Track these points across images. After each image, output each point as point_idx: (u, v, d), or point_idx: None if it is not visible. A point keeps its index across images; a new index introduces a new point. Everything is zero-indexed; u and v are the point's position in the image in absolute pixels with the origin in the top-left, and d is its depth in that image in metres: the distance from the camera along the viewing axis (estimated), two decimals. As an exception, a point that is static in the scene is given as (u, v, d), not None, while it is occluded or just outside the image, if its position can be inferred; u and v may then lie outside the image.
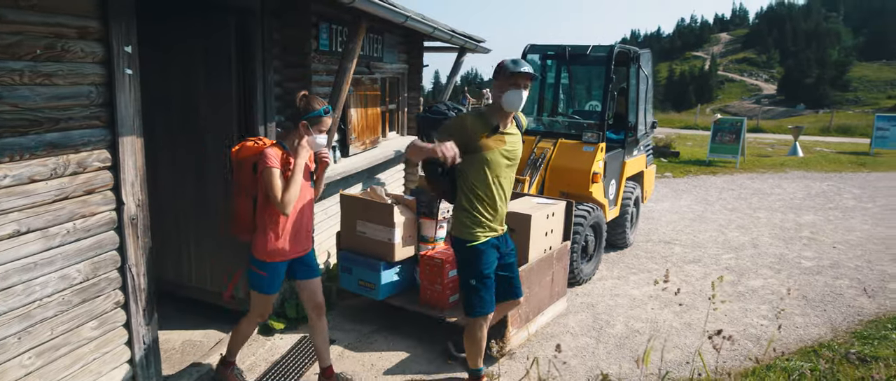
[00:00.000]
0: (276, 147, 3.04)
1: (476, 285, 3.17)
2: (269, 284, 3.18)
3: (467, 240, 3.15)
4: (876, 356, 3.67)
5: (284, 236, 3.11)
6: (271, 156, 2.96)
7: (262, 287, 3.19)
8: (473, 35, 7.00)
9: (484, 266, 3.17)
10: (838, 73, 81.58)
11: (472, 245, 3.15)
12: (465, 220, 3.15)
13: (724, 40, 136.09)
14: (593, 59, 5.96)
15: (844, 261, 6.41)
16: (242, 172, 3.14)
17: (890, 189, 11.04)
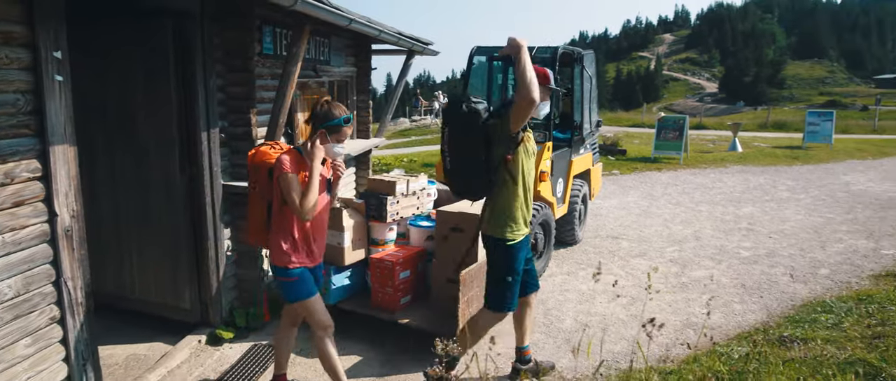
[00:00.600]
0: (292, 152, 2.99)
1: (511, 281, 3.27)
2: (305, 288, 3.05)
3: (508, 239, 3.23)
4: (805, 338, 3.87)
5: (302, 243, 3.03)
6: (286, 161, 2.90)
7: (299, 293, 3.05)
8: (421, 37, 7.03)
9: (519, 264, 3.30)
10: (774, 71, 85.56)
11: (512, 244, 3.23)
12: (507, 220, 3.22)
13: (668, 41, 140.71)
14: (538, 60, 6.05)
15: (779, 250, 6.73)
16: (258, 178, 3.11)
17: (820, 181, 11.66)
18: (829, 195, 10.11)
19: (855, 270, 6.02)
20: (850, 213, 8.71)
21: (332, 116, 2.95)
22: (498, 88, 6.87)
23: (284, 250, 3.00)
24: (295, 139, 5.27)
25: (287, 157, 2.92)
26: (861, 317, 4.30)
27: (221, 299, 4.31)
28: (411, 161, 13.06)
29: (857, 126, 29.57)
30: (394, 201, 4.29)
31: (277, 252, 3.01)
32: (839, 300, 4.88)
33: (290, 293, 3.08)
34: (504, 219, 3.23)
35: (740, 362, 3.36)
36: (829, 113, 18.04)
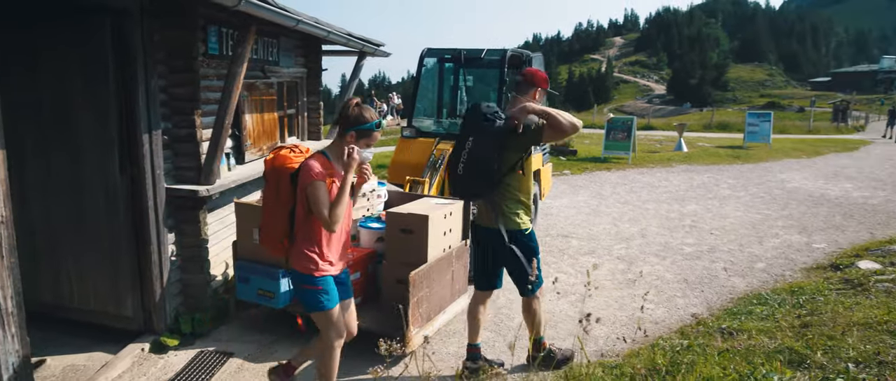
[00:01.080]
0: (318, 157, 2.85)
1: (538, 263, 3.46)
2: (327, 298, 2.95)
3: (525, 229, 3.54)
4: (741, 329, 4.05)
5: (328, 250, 2.94)
6: (315, 168, 2.77)
7: (320, 304, 2.94)
8: (371, 39, 7.01)
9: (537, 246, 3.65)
10: (718, 74, 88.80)
11: (530, 231, 3.57)
12: (521, 213, 3.52)
13: (618, 44, 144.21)
14: (488, 62, 6.16)
15: (720, 245, 7.01)
16: (280, 183, 2.96)
17: (759, 179, 12.19)
18: (766, 193, 10.59)
19: (789, 263, 6.32)
20: (785, 209, 9.14)
21: (363, 119, 2.84)
22: (449, 89, 6.93)
23: (311, 258, 2.90)
24: (242, 141, 5.18)
25: (315, 163, 2.80)
26: (792, 308, 4.54)
27: (166, 306, 4.20)
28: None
29: (794, 127, 31.05)
30: (343, 203, 4.26)
31: (302, 260, 2.91)
32: (773, 293, 5.13)
33: (310, 302, 2.96)
34: (518, 212, 3.51)
35: (680, 354, 3.49)
36: (767, 114, 18.89)
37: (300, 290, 3.00)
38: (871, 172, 13.79)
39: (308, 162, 2.81)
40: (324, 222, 2.80)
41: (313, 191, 2.76)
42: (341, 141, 2.87)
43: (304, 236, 2.92)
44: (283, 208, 2.99)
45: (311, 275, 2.90)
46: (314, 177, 2.76)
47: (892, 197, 10.39)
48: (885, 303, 4.22)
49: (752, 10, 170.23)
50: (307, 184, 2.78)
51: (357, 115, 2.83)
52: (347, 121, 2.84)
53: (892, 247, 6.40)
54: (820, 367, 2.85)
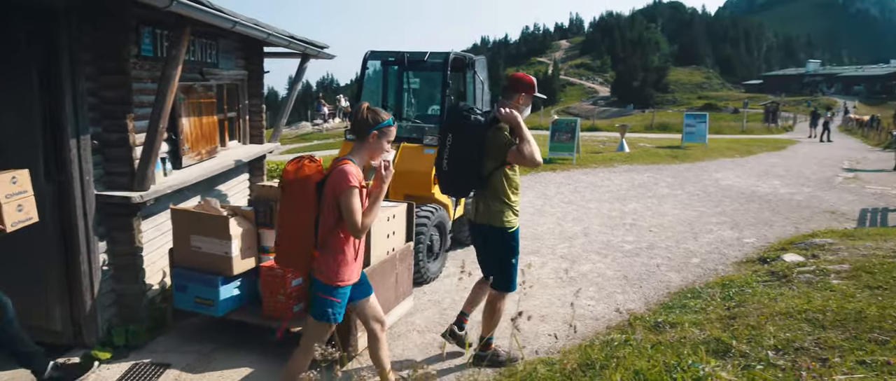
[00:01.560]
0: (350, 163, 2.85)
1: (515, 263, 3.71)
2: (340, 311, 2.97)
3: (508, 227, 3.67)
4: (675, 322, 4.22)
5: (354, 258, 2.95)
6: (353, 174, 2.79)
7: (331, 316, 2.94)
8: (315, 40, 6.94)
9: (519, 247, 3.81)
10: (659, 76, 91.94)
11: (513, 230, 3.70)
12: (506, 211, 3.65)
13: (564, 47, 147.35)
14: (431, 65, 6.19)
15: (658, 242, 7.27)
16: (305, 193, 2.90)
17: (695, 177, 12.71)
18: (702, 190, 11.05)
19: (721, 257, 6.62)
20: (719, 206, 9.57)
21: (380, 118, 2.92)
22: (393, 92, 6.93)
23: (339, 268, 2.91)
24: (179, 146, 5.04)
25: (352, 169, 2.82)
26: (723, 300, 4.75)
27: (97, 318, 4.04)
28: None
29: (729, 127, 32.50)
30: (284, 208, 4.21)
31: (330, 270, 2.90)
32: (707, 286, 5.36)
33: (323, 312, 2.93)
34: (503, 210, 3.64)
35: (616, 348, 3.61)
36: (703, 115, 19.70)
37: (318, 297, 2.97)
38: (797, 170, 14.59)
39: (345, 168, 2.81)
40: (354, 230, 2.81)
41: (349, 198, 2.77)
42: (363, 145, 2.93)
43: (332, 246, 2.91)
44: (308, 218, 2.94)
45: (335, 286, 2.92)
46: (350, 184, 2.78)
47: (816, 193, 11.03)
48: (806, 293, 4.48)
49: (690, 15, 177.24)
50: (344, 190, 2.78)
51: (373, 116, 2.92)
52: (366, 124, 2.91)
53: (814, 240, 6.79)
54: (743, 355, 3.01)
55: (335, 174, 2.83)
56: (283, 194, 3.01)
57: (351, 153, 2.97)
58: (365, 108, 2.96)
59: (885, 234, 7.02)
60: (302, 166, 2.97)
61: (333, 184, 2.82)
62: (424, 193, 5.59)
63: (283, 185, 3.00)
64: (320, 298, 2.94)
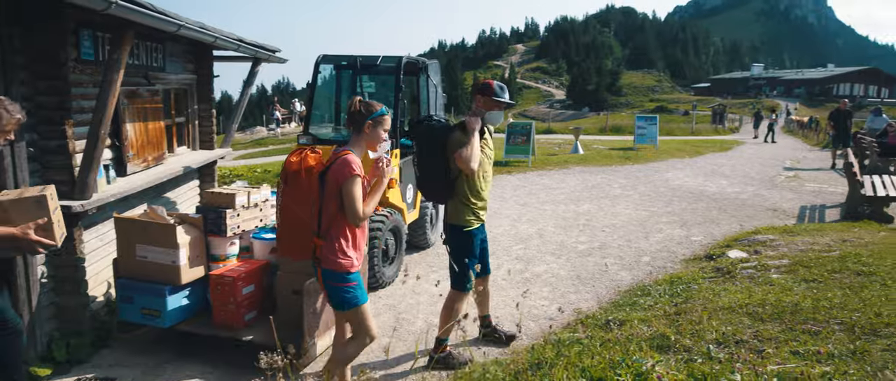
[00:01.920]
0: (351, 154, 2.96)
1: (469, 263, 3.76)
2: (362, 292, 3.07)
3: (463, 226, 3.80)
4: (625, 319, 4.32)
5: (358, 245, 3.05)
6: (357, 163, 2.90)
7: (357, 299, 3.03)
8: (266, 44, 6.84)
9: (476, 248, 3.88)
10: (612, 80, 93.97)
11: (469, 230, 3.81)
12: (464, 210, 3.79)
13: (520, 51, 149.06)
14: (384, 69, 6.18)
15: (610, 242, 7.44)
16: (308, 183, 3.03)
17: (647, 178, 13.05)
18: (653, 191, 11.35)
19: (670, 255, 6.82)
20: (669, 206, 9.85)
21: (373, 108, 3.02)
22: (347, 96, 6.88)
23: (346, 255, 2.98)
24: (123, 152, 4.89)
25: (355, 159, 2.93)
26: (671, 297, 4.90)
27: (36, 332, 3.88)
28: (265, 172, 12.60)
29: (679, 129, 33.51)
30: (234, 215, 4.14)
31: (337, 257, 2.97)
32: (656, 284, 5.51)
33: (348, 299, 3.02)
34: (460, 209, 3.79)
35: (568, 347, 3.67)
36: (653, 118, 20.24)
37: (334, 288, 3.03)
38: (742, 169, 15.14)
39: (348, 158, 2.92)
40: (354, 218, 2.90)
41: (351, 186, 2.88)
42: (360, 136, 3.04)
43: (337, 234, 2.98)
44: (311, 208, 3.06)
45: (347, 272, 2.99)
46: (356, 172, 2.89)
47: (760, 192, 11.48)
48: (747, 288, 4.66)
49: (641, 20, 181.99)
50: (347, 178, 2.88)
51: (366, 107, 3.04)
52: (361, 116, 3.02)
53: (757, 237, 7.07)
54: (686, 350, 3.12)
55: (338, 163, 2.92)
56: (286, 186, 3.10)
57: (350, 145, 3.07)
58: (357, 101, 3.07)
59: (822, 230, 7.37)
60: (305, 157, 3.08)
61: (336, 172, 2.92)
62: (379, 197, 5.57)
63: (286, 176, 3.08)
64: (335, 287, 3.03)
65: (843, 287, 4.32)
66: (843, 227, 7.63)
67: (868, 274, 4.66)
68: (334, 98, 6.66)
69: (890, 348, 2.84)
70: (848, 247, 5.92)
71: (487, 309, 4.39)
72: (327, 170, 2.99)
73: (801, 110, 57.78)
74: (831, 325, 3.33)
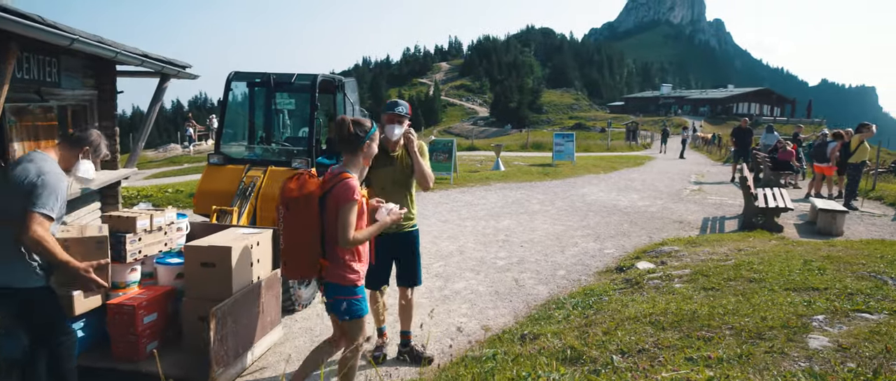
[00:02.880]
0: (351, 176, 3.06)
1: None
2: (365, 304, 3.26)
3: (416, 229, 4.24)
4: (539, 333, 4.43)
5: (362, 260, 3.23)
6: (356, 189, 3.01)
7: (362, 310, 3.22)
8: (175, 59, 6.58)
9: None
10: (533, 98, 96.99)
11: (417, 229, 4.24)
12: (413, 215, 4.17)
13: (444, 69, 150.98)
14: (299, 87, 6.09)
15: (528, 256, 7.62)
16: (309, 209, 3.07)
17: (564, 193, 13.50)
18: (569, 206, 11.75)
19: (585, 268, 7.06)
20: (584, 220, 10.22)
21: (366, 128, 3.16)
22: (262, 114, 6.73)
23: (354, 270, 3.15)
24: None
25: (355, 184, 3.03)
26: (583, 309, 5.06)
27: None
28: (177, 191, 12.04)
29: (596, 145, 34.98)
30: (134, 239, 3.93)
31: (345, 272, 3.12)
32: (570, 297, 5.69)
33: (352, 311, 3.16)
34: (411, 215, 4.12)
35: (484, 363, 3.71)
36: (570, 135, 21.03)
37: (340, 301, 3.16)
38: (652, 184, 15.98)
39: (349, 182, 3.02)
40: (343, 241, 3.00)
41: (348, 211, 2.98)
42: (356, 156, 3.16)
43: (340, 254, 3.12)
44: (314, 231, 3.10)
45: (353, 286, 3.16)
46: (352, 197, 2.99)
47: (668, 205, 12.14)
48: (652, 298, 4.90)
49: (560, 41, 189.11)
50: (345, 203, 2.99)
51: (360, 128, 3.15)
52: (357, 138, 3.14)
53: (663, 248, 7.46)
54: (592, 361, 3.23)
55: (339, 187, 3.02)
56: (287, 211, 3.12)
57: (347, 166, 3.15)
58: (349, 123, 3.14)
59: (721, 240, 7.88)
60: (305, 183, 3.14)
61: (337, 196, 3.02)
62: (294, 217, 5.44)
63: (287, 202, 3.12)
64: (343, 300, 3.16)
65: (737, 294, 4.63)
66: (739, 237, 8.20)
67: (758, 281, 5.02)
68: (248, 116, 6.47)
69: (772, 350, 3.06)
70: (742, 256, 6.36)
71: (409, 325, 4.40)
72: (328, 193, 3.08)
73: (706, 127, 61.78)
74: (723, 330, 3.55)
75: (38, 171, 2.97)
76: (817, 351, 3.04)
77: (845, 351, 3.00)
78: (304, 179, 3.15)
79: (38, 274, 3.01)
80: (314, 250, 3.12)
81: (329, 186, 3.07)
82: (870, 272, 5.21)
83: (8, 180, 2.99)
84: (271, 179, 5.54)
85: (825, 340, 3.22)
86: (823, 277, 5.03)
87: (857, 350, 2.97)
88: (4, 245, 2.93)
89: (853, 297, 4.27)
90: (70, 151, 3.27)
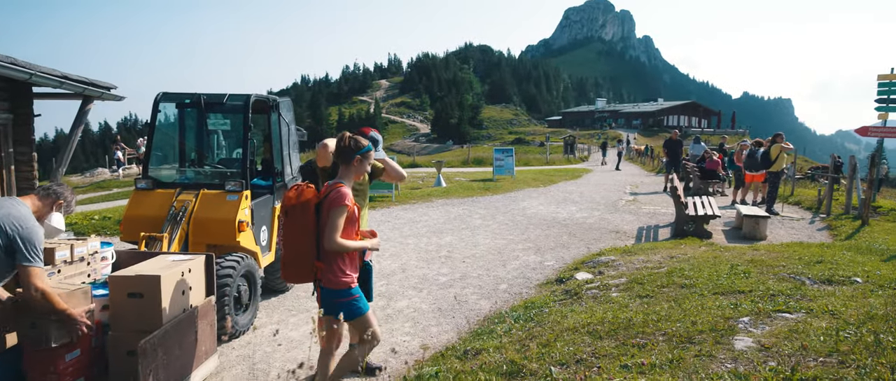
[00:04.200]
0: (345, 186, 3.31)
1: None
2: (363, 302, 3.45)
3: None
4: (482, 348, 4.44)
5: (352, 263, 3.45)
6: (348, 196, 3.26)
7: (361, 308, 3.42)
8: (98, 81, 6.31)
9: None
10: (473, 114, 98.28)
11: None
12: None
13: (384, 86, 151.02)
14: (231, 107, 5.94)
15: (471, 272, 7.66)
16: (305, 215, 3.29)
17: (505, 208, 13.69)
18: (511, 220, 11.92)
19: (526, 281, 7.16)
20: (525, 233, 10.38)
21: (361, 145, 3.40)
22: (193, 136, 6.51)
23: (346, 272, 3.37)
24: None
25: (348, 192, 3.28)
26: (525, 322, 5.12)
27: None
28: (104, 218, 11.46)
29: (536, 159, 35.67)
30: (53, 272, 3.70)
31: (339, 276, 3.33)
32: (512, 310, 5.74)
33: (353, 311, 3.38)
34: None
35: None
36: (509, 150, 21.39)
37: (338, 304, 3.35)
38: (590, 195, 16.43)
39: (342, 190, 3.27)
40: (328, 242, 3.21)
41: (337, 215, 3.22)
42: (349, 168, 3.40)
43: (335, 256, 3.33)
44: (311, 236, 3.32)
45: (348, 288, 3.37)
46: (343, 202, 3.23)
47: (605, 216, 12.50)
48: (590, 308, 5.01)
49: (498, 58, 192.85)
50: (336, 207, 3.22)
51: (354, 143, 3.39)
52: (351, 150, 3.38)
53: (600, 258, 7.66)
54: (532, 374, 3.27)
55: (333, 193, 3.27)
56: (287, 218, 3.35)
57: (341, 177, 3.41)
58: (347, 136, 3.42)
59: (655, 248, 8.17)
60: (302, 192, 3.36)
61: (330, 200, 3.25)
62: (229, 241, 5.27)
63: (286, 209, 3.35)
64: (341, 303, 3.36)
65: (669, 300, 4.80)
66: (672, 244, 8.53)
67: (689, 286, 5.23)
68: (178, 138, 6.25)
69: (701, 353, 3.19)
70: (674, 263, 6.61)
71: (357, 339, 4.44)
72: (323, 200, 3.31)
73: (640, 140, 64.20)
74: (657, 337, 3.67)
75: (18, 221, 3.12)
76: (742, 352, 3.19)
77: (767, 351, 3.16)
78: (302, 189, 3.40)
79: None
80: (311, 253, 3.34)
81: (324, 194, 3.33)
82: (790, 274, 5.52)
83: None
84: (203, 203, 5.35)
85: (750, 340, 3.39)
86: (748, 280, 5.29)
87: (778, 349, 3.14)
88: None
89: (775, 298, 4.51)
90: (43, 201, 3.45)
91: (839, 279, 5.28)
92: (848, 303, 4.19)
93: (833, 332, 3.33)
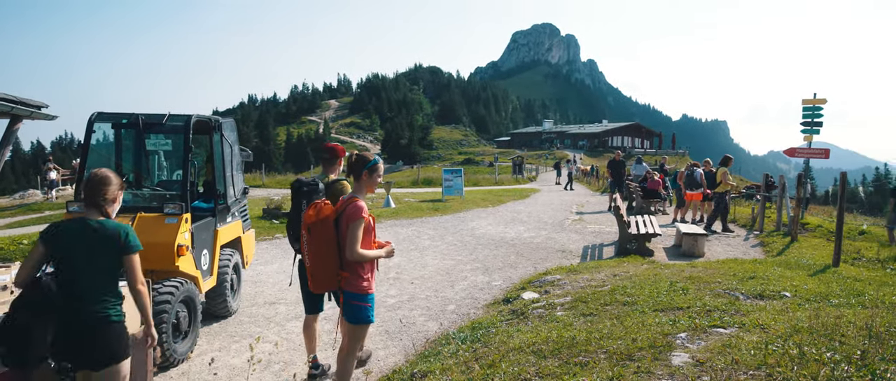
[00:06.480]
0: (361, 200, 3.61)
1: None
2: (371, 312, 3.73)
3: None
4: (427, 371, 4.42)
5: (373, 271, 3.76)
6: (364, 209, 3.55)
7: (370, 317, 3.73)
8: (27, 99, 6.03)
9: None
10: (423, 134, 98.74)
11: None
12: None
13: (334, 107, 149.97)
14: (171, 128, 5.77)
15: (419, 293, 7.63)
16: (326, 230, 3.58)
17: (454, 228, 13.74)
18: (459, 240, 11.96)
19: (474, 302, 7.19)
20: (473, 253, 10.44)
21: (366, 160, 3.73)
22: (130, 156, 6.29)
23: (365, 279, 3.67)
24: None
25: (364, 205, 3.59)
26: (472, 343, 5.13)
27: None
28: (33, 243, 10.83)
29: (485, 179, 36.02)
30: (-29, 301, 3.47)
31: (360, 281, 3.64)
32: (459, 331, 5.73)
33: (363, 316, 3.69)
34: None
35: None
36: (458, 170, 21.54)
37: (354, 307, 3.66)
38: (537, 215, 16.69)
39: (359, 204, 3.57)
40: (350, 253, 3.49)
41: (355, 228, 3.50)
42: (360, 183, 3.72)
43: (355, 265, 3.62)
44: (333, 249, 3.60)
45: (367, 293, 3.68)
46: (361, 215, 3.53)
47: (552, 235, 12.71)
48: (536, 327, 5.07)
49: (447, 79, 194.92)
50: (354, 220, 3.50)
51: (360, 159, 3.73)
52: (360, 166, 3.71)
53: (547, 278, 7.78)
54: (477, 395, 3.28)
55: (350, 207, 3.55)
56: (309, 235, 3.60)
57: (356, 191, 3.73)
58: (355, 154, 3.76)
59: (599, 266, 8.36)
60: (321, 209, 3.62)
61: (348, 215, 3.53)
62: (167, 266, 5.09)
63: (308, 227, 3.60)
64: (355, 305, 3.65)
65: (612, 318, 4.91)
66: (615, 262, 8.75)
67: (631, 304, 5.37)
68: (114, 158, 6.02)
69: (640, 370, 3.28)
70: (617, 281, 6.78)
71: (314, 349, 4.82)
72: (340, 215, 3.59)
73: (586, 160, 65.86)
74: (599, 355, 3.75)
75: None
76: (679, 368, 3.29)
77: (702, 365, 3.27)
78: (321, 207, 3.64)
79: None
80: (335, 263, 3.61)
81: (341, 209, 3.60)
82: (725, 290, 5.75)
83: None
84: (141, 226, 5.14)
85: (686, 356, 3.50)
86: (687, 296, 5.48)
87: (712, 364, 3.26)
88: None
89: (711, 314, 4.69)
90: None
91: (770, 294, 5.54)
92: (777, 317, 4.40)
93: (762, 346, 3.48)
